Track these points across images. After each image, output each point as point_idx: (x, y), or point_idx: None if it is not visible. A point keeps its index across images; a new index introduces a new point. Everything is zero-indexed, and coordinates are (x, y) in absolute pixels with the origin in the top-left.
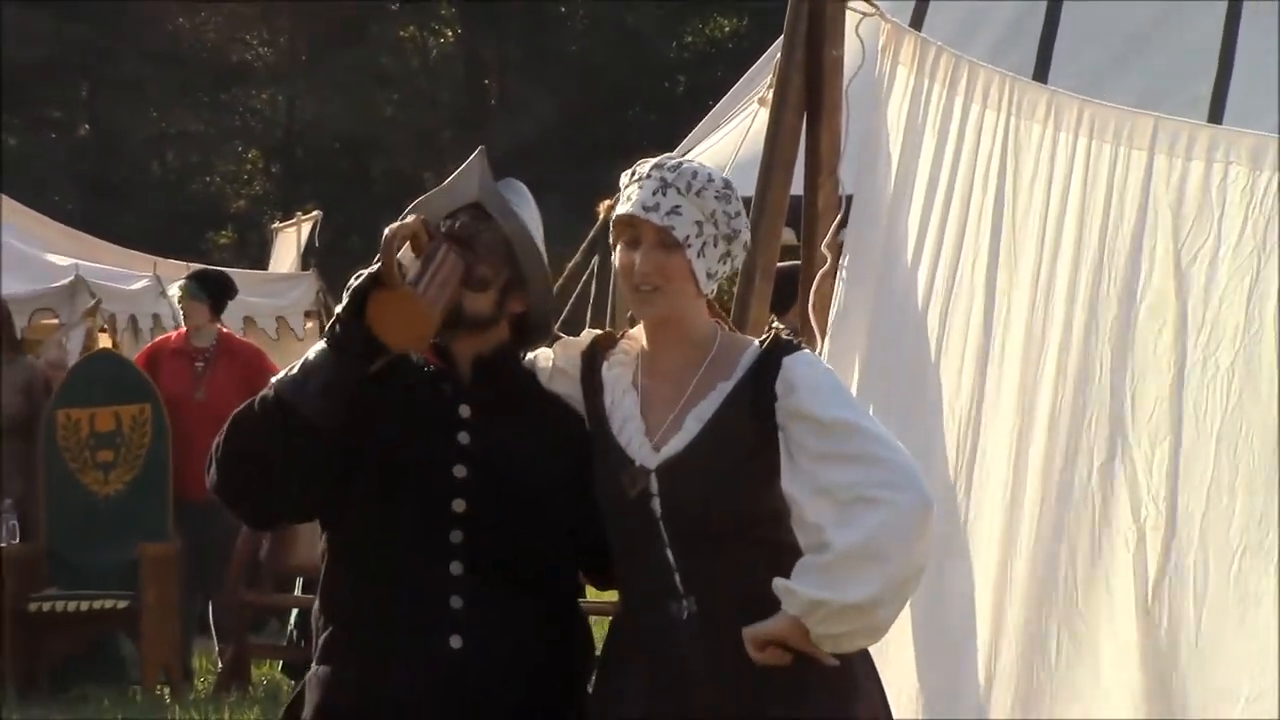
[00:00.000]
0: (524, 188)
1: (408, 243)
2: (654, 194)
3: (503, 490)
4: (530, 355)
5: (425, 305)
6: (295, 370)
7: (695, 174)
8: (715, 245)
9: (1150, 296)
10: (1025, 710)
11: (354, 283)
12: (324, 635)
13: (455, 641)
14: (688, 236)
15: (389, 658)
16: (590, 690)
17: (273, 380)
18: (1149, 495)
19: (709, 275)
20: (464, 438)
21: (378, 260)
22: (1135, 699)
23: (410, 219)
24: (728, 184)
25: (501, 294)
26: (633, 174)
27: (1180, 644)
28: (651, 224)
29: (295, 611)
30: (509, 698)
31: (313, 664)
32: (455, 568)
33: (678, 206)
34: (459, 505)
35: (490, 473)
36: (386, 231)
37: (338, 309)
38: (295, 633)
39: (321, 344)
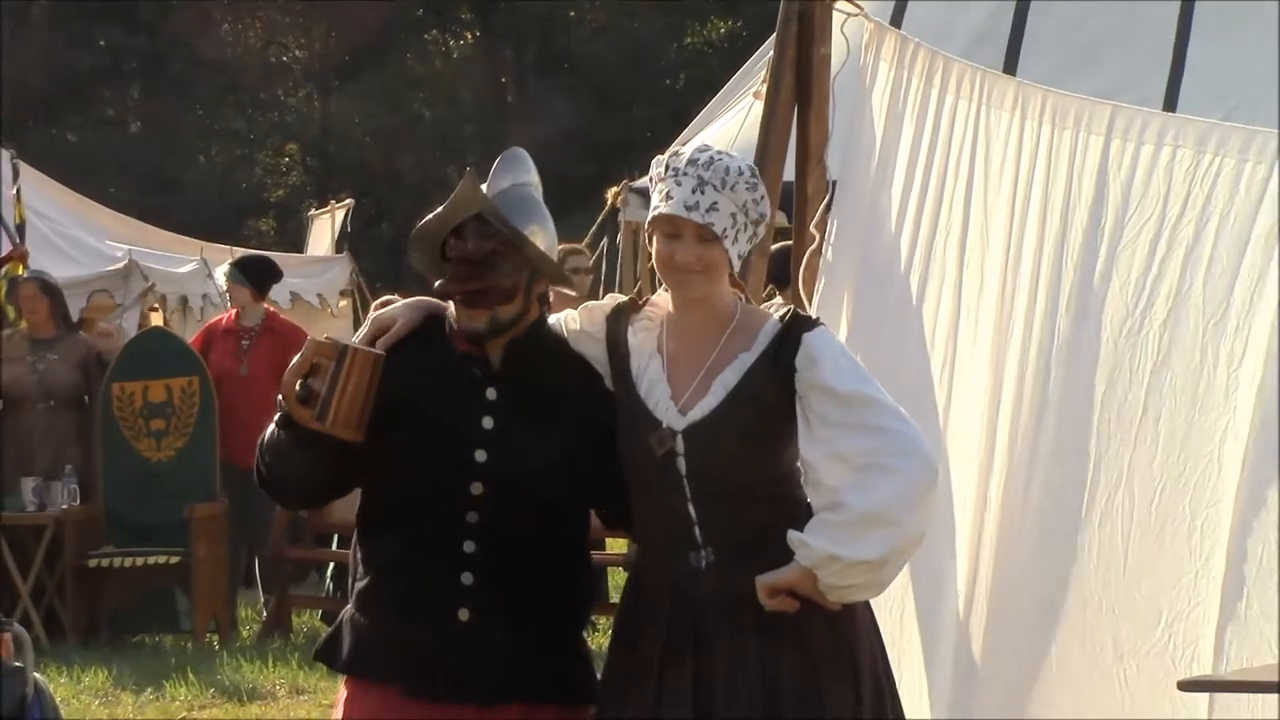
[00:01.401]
0: (524, 156)
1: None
2: (693, 192)
3: (518, 479)
4: (557, 317)
5: (337, 429)
6: (272, 431)
7: (728, 169)
8: (746, 230)
9: (1103, 265)
10: (1000, 628)
11: (270, 430)
12: (358, 585)
13: (463, 614)
14: (725, 229)
15: (410, 618)
16: (612, 634)
17: (273, 422)
18: (1095, 441)
19: (739, 257)
20: (488, 422)
21: (282, 405)
22: (1082, 615)
23: (295, 360)
24: (754, 171)
25: (526, 290)
26: (667, 168)
27: (1113, 572)
28: (693, 222)
29: (332, 565)
30: (518, 662)
31: (349, 607)
32: (469, 546)
33: (715, 203)
34: (476, 488)
35: (507, 460)
36: (284, 378)
37: (275, 419)
38: (332, 585)
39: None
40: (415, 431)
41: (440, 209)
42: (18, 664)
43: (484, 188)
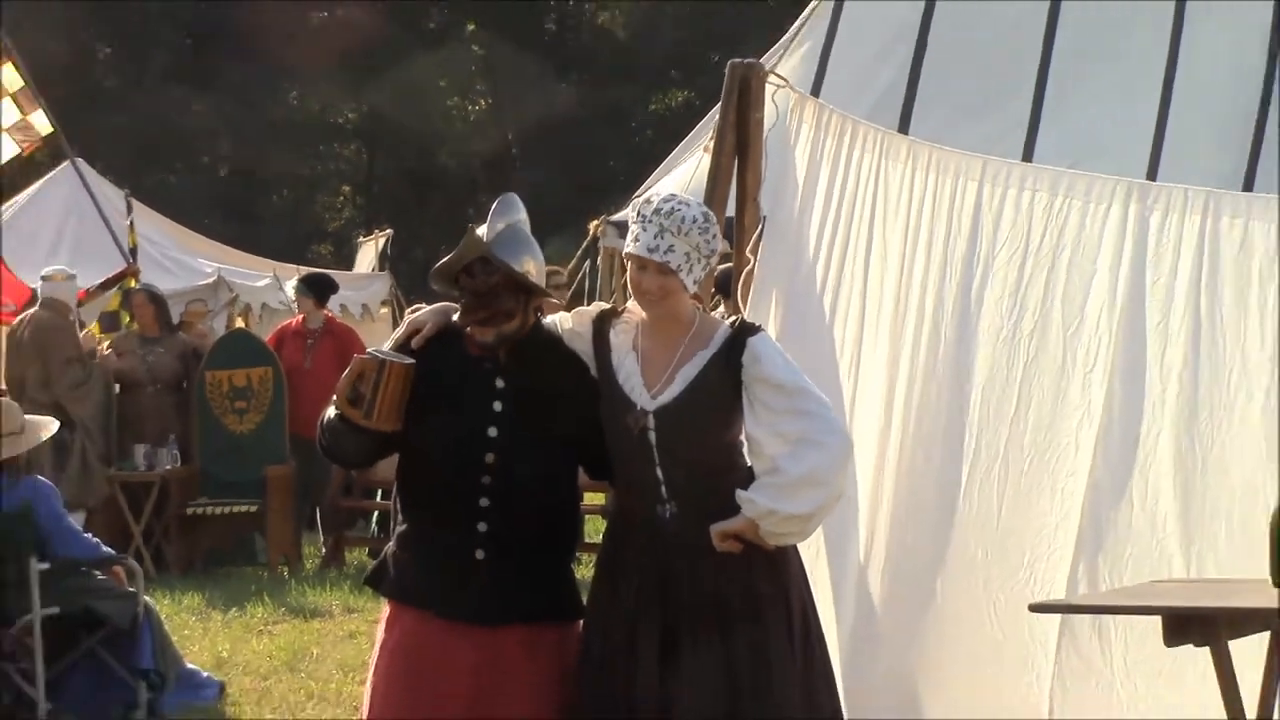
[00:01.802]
0: (516, 200)
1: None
2: (655, 237)
3: (521, 443)
4: (551, 319)
5: (379, 425)
6: (331, 417)
7: (684, 218)
8: (699, 263)
9: (978, 285)
10: (895, 571)
11: (330, 414)
12: (398, 529)
13: (479, 554)
14: (679, 265)
15: (437, 556)
16: (595, 568)
17: (331, 408)
18: (974, 425)
19: (695, 282)
20: (498, 405)
21: (347, 399)
22: (960, 559)
23: (346, 371)
24: (708, 217)
25: (524, 308)
26: (639, 214)
27: (987, 527)
28: (654, 263)
29: (377, 513)
30: (521, 591)
31: (391, 545)
32: (484, 502)
33: (672, 246)
34: (489, 458)
35: (514, 430)
36: (338, 385)
37: (332, 409)
38: (377, 528)
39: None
40: (440, 412)
41: (451, 254)
42: (131, 590)
43: (484, 228)
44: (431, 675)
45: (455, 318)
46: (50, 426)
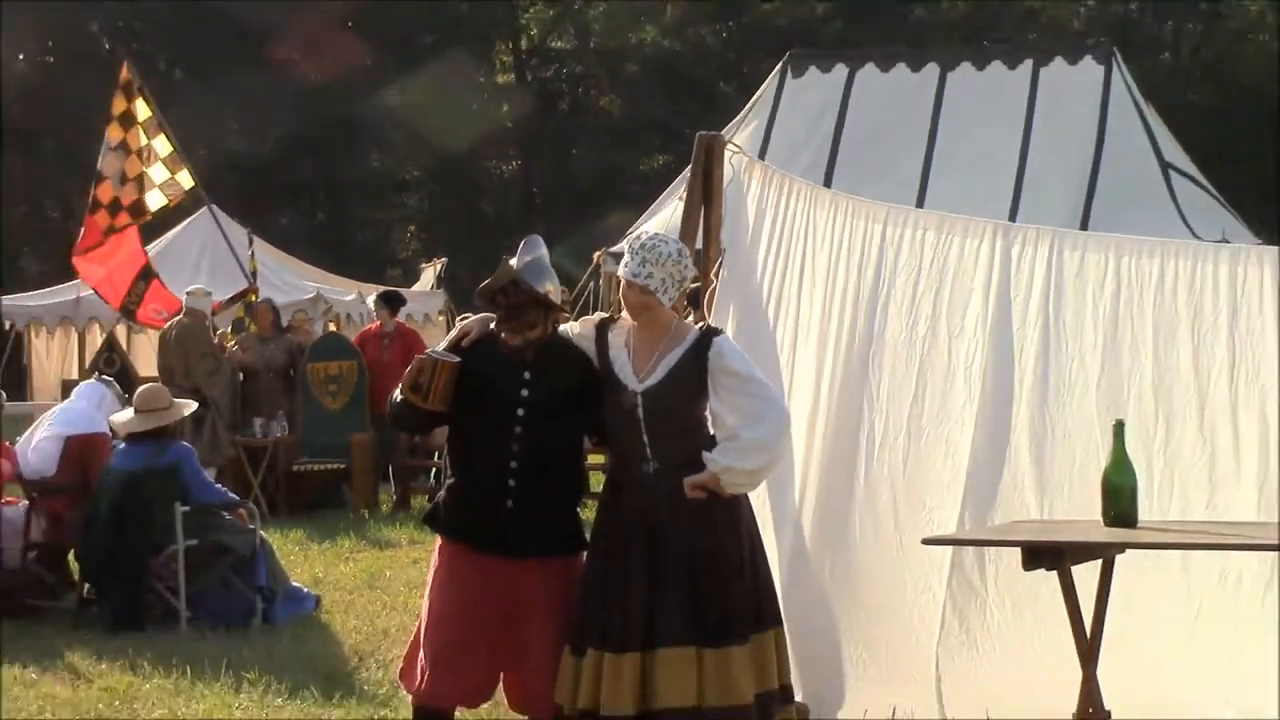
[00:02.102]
0: (539, 239)
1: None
2: (639, 265)
3: (542, 421)
4: (565, 327)
5: (434, 406)
6: (398, 399)
7: (662, 253)
8: (673, 286)
9: (880, 307)
10: (821, 514)
11: (397, 397)
12: (448, 482)
13: (509, 504)
14: (655, 288)
15: (478, 505)
16: (596, 513)
17: (398, 392)
18: (882, 405)
19: (669, 299)
20: (524, 392)
21: (410, 387)
22: (872, 505)
23: (410, 366)
24: (681, 250)
25: (545, 320)
26: (630, 247)
27: (895, 483)
28: (637, 285)
29: (434, 469)
30: (542, 523)
31: (443, 494)
32: (513, 464)
33: (651, 273)
34: (518, 430)
35: (537, 411)
36: (405, 376)
37: (399, 393)
38: (435, 481)
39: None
40: (481, 396)
41: (491, 278)
42: (251, 527)
43: (515, 259)
44: (471, 591)
45: (493, 326)
46: (190, 406)
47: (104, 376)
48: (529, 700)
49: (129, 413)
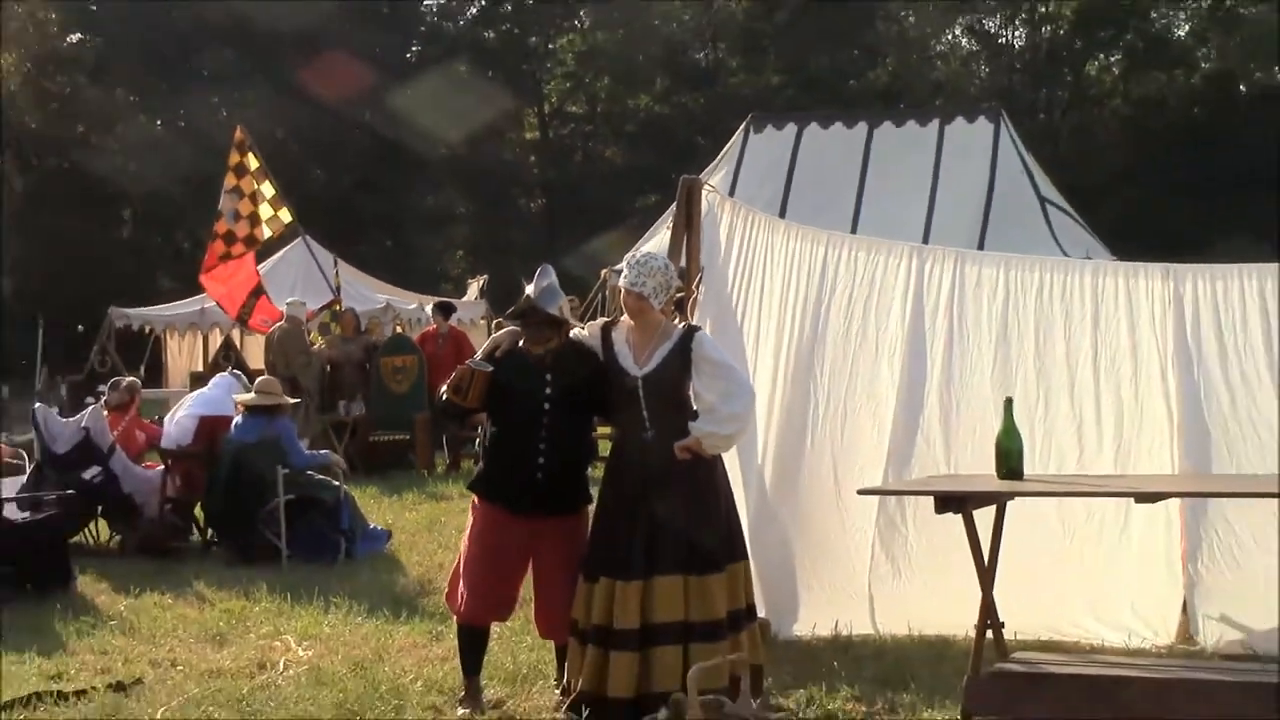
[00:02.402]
0: (549, 268)
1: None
2: (635, 277)
3: (562, 412)
4: (576, 331)
5: (471, 404)
6: (444, 397)
7: (651, 267)
8: (662, 293)
9: (823, 311)
10: (779, 472)
11: (443, 395)
12: (484, 456)
13: (539, 475)
14: (647, 294)
15: (510, 474)
16: (604, 474)
17: (444, 391)
18: (824, 386)
19: (659, 304)
20: (548, 390)
21: (453, 390)
22: (818, 463)
23: (454, 373)
24: (667, 265)
25: (559, 333)
26: (629, 264)
27: (835, 447)
28: (634, 292)
29: (478, 439)
30: (560, 491)
31: (481, 465)
32: (541, 445)
33: (644, 282)
34: (546, 418)
35: (558, 404)
36: (449, 381)
37: (443, 393)
38: (479, 449)
39: (445, 398)
40: (513, 394)
41: (515, 304)
42: (337, 483)
43: (531, 289)
44: (503, 539)
45: (520, 343)
46: (293, 401)
47: (235, 371)
48: (553, 628)
49: (249, 395)
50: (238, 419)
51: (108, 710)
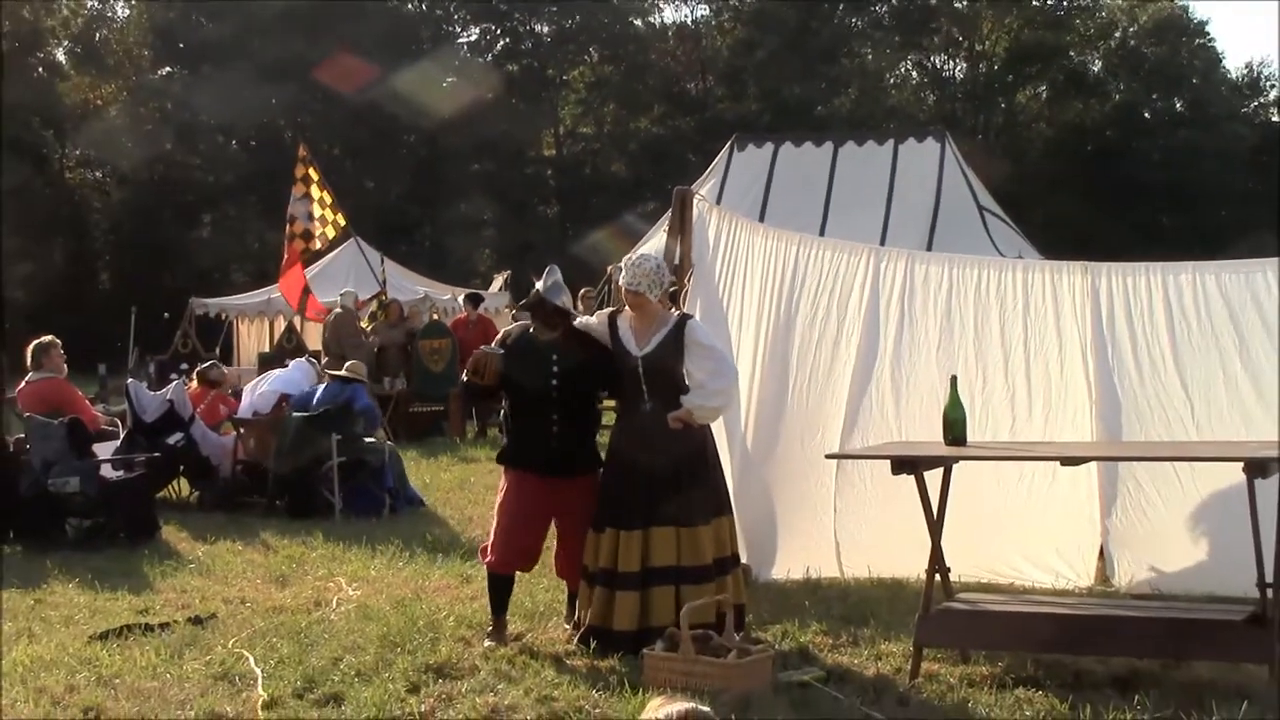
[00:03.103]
0: (556, 268)
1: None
2: (632, 277)
3: (569, 388)
4: (583, 320)
5: (488, 382)
6: (466, 379)
7: (645, 267)
8: (658, 287)
9: (794, 302)
10: (758, 439)
11: (466, 377)
12: (508, 431)
13: (554, 443)
14: (643, 290)
15: (529, 442)
16: (610, 439)
17: (465, 373)
18: (794, 365)
19: (654, 296)
20: (554, 369)
21: (472, 371)
22: (792, 427)
23: (472, 357)
24: (659, 264)
25: (563, 322)
26: (626, 265)
27: (803, 416)
28: (631, 289)
29: (503, 411)
30: (574, 454)
31: (506, 442)
32: (554, 415)
33: (640, 280)
34: (554, 395)
35: (564, 382)
36: (469, 363)
37: (465, 375)
38: (503, 419)
39: (466, 378)
40: (525, 374)
41: (527, 298)
42: (381, 447)
43: (540, 284)
44: (527, 498)
45: (530, 330)
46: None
47: (310, 359)
48: (570, 572)
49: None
50: (318, 387)
51: (187, 640)
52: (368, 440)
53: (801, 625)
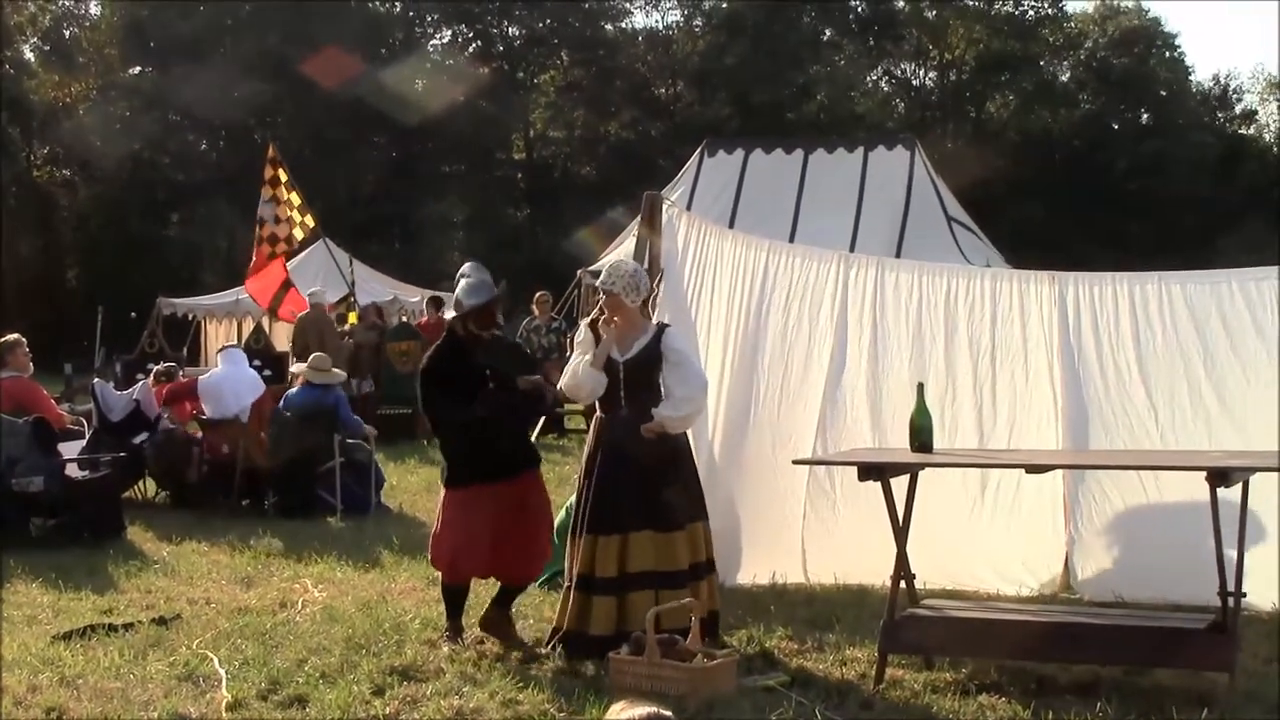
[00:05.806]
0: (474, 264)
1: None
2: (611, 282)
3: (497, 384)
4: (581, 330)
5: None
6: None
7: (624, 271)
8: (632, 291)
9: (764, 309)
10: (726, 445)
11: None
12: (448, 456)
13: (500, 446)
14: (619, 293)
15: (473, 461)
16: (587, 444)
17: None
18: (764, 372)
19: (631, 301)
20: (487, 371)
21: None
22: (758, 433)
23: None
24: (636, 270)
25: (494, 326)
26: (607, 270)
27: (772, 422)
28: (609, 291)
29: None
30: (510, 453)
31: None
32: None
33: (615, 283)
34: (481, 393)
35: (495, 380)
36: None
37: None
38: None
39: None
40: (452, 383)
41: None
42: (369, 448)
43: (460, 292)
44: (472, 510)
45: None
46: (341, 376)
47: (230, 346)
48: (525, 569)
49: (302, 366)
50: (292, 390)
51: (151, 641)
52: (350, 441)
53: (767, 630)
